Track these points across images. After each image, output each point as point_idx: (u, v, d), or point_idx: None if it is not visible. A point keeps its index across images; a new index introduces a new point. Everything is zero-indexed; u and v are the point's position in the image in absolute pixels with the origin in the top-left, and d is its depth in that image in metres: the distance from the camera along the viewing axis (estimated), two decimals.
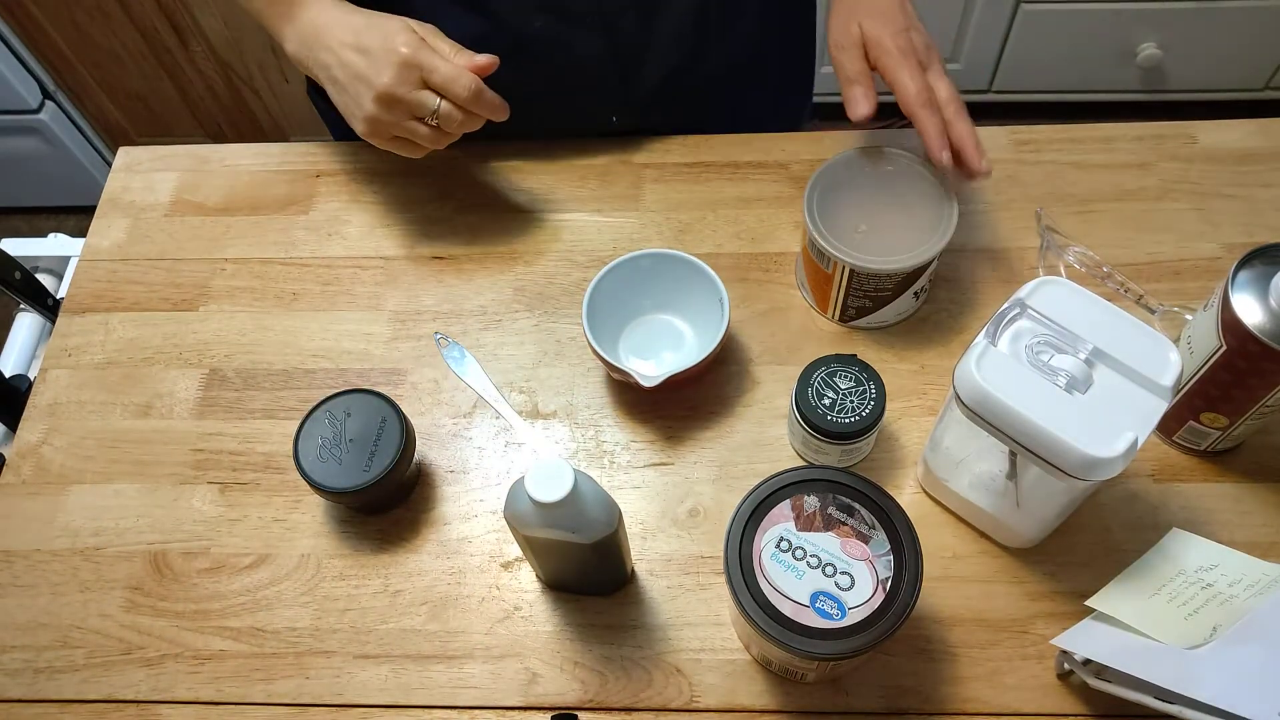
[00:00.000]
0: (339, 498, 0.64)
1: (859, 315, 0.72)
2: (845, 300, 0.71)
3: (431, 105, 0.68)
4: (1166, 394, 0.52)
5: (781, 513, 0.54)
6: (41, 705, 0.64)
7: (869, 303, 0.71)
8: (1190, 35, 1.63)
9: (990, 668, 0.61)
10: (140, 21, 1.61)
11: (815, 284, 0.72)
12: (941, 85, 0.68)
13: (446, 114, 0.69)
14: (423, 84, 0.68)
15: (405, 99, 0.68)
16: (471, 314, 0.78)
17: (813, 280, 0.72)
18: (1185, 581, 0.56)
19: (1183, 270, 0.75)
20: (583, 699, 0.62)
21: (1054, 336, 0.54)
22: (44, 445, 0.74)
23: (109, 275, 0.83)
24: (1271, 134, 0.81)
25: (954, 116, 0.67)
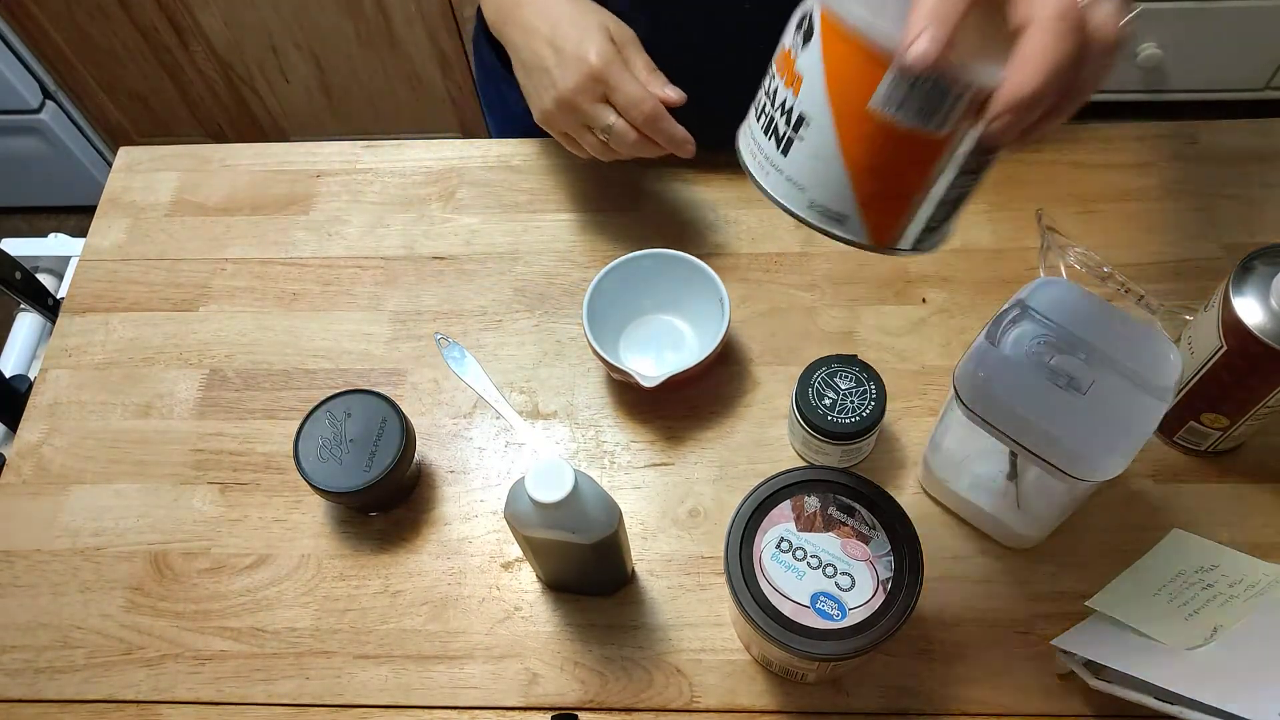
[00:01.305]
0: (339, 498, 0.64)
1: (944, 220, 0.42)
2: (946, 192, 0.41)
3: (606, 121, 0.67)
4: (1167, 394, 0.52)
5: (782, 513, 0.54)
6: (42, 705, 0.64)
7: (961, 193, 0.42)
8: (1190, 35, 1.63)
9: (991, 668, 0.61)
10: (140, 21, 1.61)
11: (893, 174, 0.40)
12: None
13: (620, 134, 0.67)
14: (604, 98, 0.66)
15: (583, 108, 0.67)
16: (472, 314, 0.78)
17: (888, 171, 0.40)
18: (1186, 582, 0.56)
19: (1183, 270, 0.75)
20: (583, 699, 0.62)
21: (1054, 337, 0.54)
22: (44, 445, 0.74)
23: (109, 275, 0.83)
24: (1271, 134, 0.81)
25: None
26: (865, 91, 0.37)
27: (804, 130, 0.40)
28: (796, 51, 0.40)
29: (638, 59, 0.68)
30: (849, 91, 0.38)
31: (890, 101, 0.37)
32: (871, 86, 0.37)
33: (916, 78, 0.36)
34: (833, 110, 0.39)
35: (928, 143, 0.38)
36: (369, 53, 1.65)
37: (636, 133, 0.67)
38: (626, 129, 0.67)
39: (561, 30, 0.66)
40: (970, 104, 0.37)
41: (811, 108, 0.39)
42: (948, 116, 0.38)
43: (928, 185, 0.40)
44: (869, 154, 0.39)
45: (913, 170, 0.40)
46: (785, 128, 0.40)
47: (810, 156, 0.40)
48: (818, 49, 0.38)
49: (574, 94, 0.66)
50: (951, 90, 0.37)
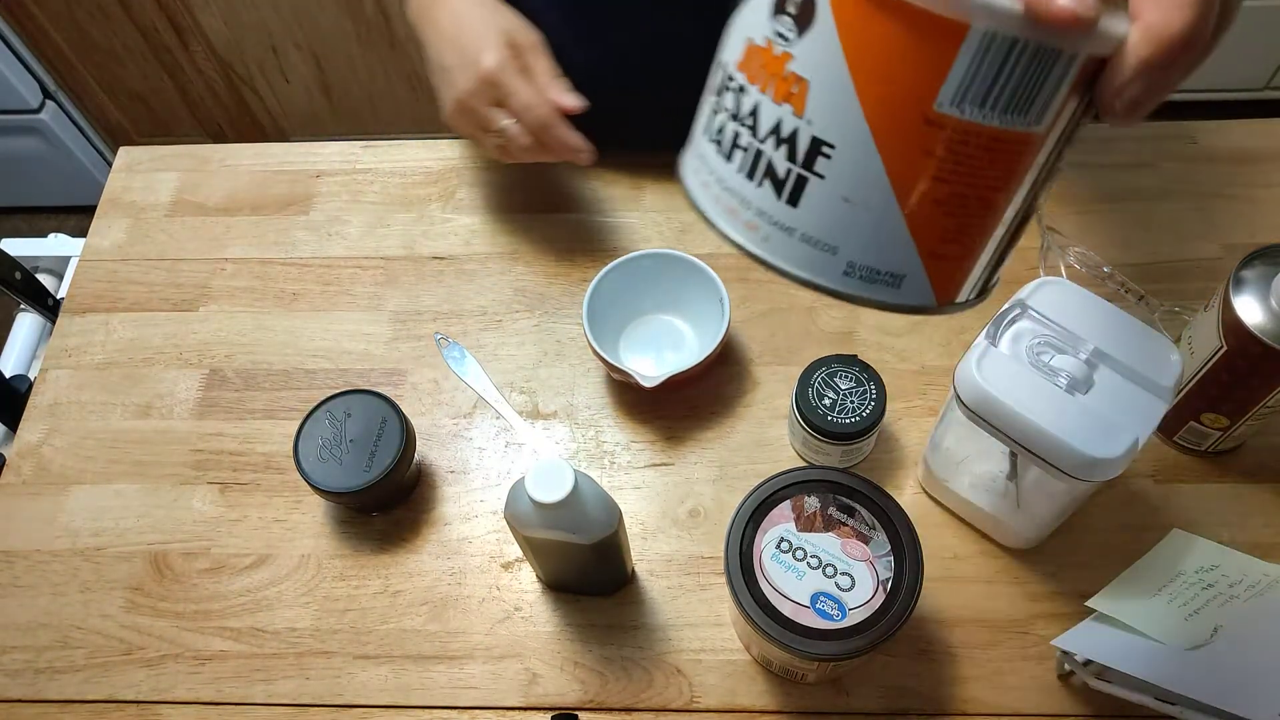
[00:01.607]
0: (339, 498, 0.64)
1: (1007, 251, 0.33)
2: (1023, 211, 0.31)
3: (500, 125, 0.67)
4: (1167, 394, 0.52)
5: (782, 513, 0.54)
6: (42, 705, 0.64)
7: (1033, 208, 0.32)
8: None
9: (991, 668, 0.61)
10: (140, 21, 1.61)
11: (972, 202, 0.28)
12: None
13: (513, 138, 0.68)
14: (499, 102, 0.67)
15: (478, 111, 0.68)
16: (472, 314, 0.78)
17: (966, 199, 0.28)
18: (1186, 582, 0.56)
19: (1183, 270, 0.75)
20: (583, 699, 0.62)
21: (1054, 337, 0.54)
22: (44, 445, 0.74)
23: (109, 275, 0.83)
24: (1271, 134, 0.81)
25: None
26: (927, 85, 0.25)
27: (823, 162, 0.27)
28: (786, 45, 0.27)
29: (539, 64, 0.68)
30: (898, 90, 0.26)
31: (971, 91, 0.25)
32: (938, 74, 0.25)
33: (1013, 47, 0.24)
34: (870, 123, 0.26)
35: (1021, 144, 0.27)
36: (369, 53, 1.65)
37: (530, 137, 0.68)
38: (520, 133, 0.67)
39: (465, 33, 0.68)
40: (1081, 73, 0.26)
41: (833, 126, 0.26)
42: (1053, 98, 0.26)
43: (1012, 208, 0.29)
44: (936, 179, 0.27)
45: (998, 190, 0.28)
46: (787, 164, 0.28)
47: (839, 200, 0.27)
48: (830, 32, 0.26)
49: (469, 97, 0.67)
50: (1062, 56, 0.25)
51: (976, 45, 0.24)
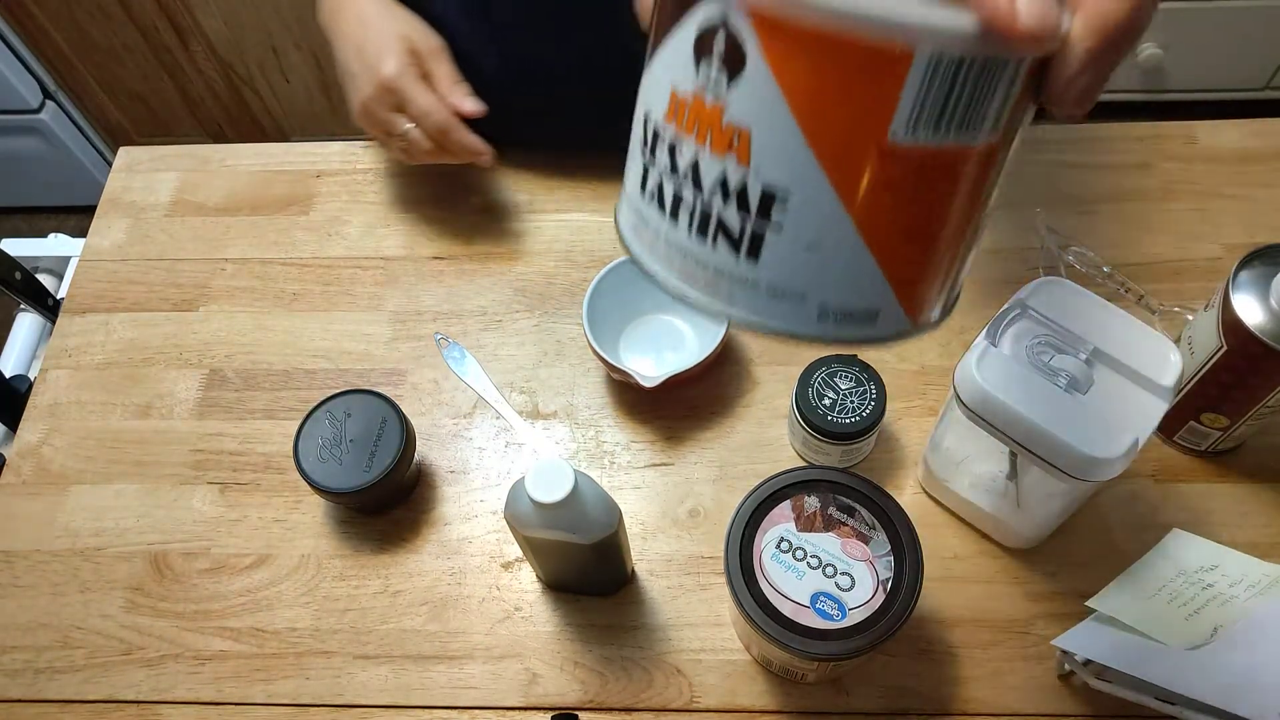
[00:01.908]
0: (339, 498, 0.64)
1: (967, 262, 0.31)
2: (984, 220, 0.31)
3: (401, 129, 0.70)
4: (1167, 394, 0.52)
5: (782, 513, 0.54)
6: (42, 705, 0.64)
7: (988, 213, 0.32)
8: (1190, 35, 1.63)
9: (991, 668, 0.61)
10: (141, 21, 1.61)
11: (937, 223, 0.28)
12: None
13: (414, 142, 0.71)
14: (399, 108, 0.70)
15: (380, 116, 0.70)
16: (472, 314, 0.78)
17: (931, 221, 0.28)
18: (1186, 582, 0.56)
19: (1183, 270, 0.75)
20: (583, 699, 0.62)
21: (1054, 337, 0.54)
22: (44, 445, 0.74)
23: (109, 275, 0.83)
24: (1271, 134, 0.81)
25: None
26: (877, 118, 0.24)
27: (779, 211, 0.25)
28: (718, 95, 0.25)
29: (440, 69, 0.71)
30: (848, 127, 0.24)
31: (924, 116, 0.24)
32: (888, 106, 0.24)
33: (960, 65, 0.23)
34: (824, 165, 0.25)
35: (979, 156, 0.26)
36: None
37: (430, 141, 0.70)
38: (420, 137, 0.70)
39: (368, 40, 0.70)
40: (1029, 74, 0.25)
41: (785, 173, 0.25)
42: (1005, 105, 0.25)
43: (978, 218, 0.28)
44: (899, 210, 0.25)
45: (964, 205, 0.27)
46: (741, 217, 0.26)
47: (803, 246, 0.26)
48: (766, 79, 0.24)
49: (371, 102, 0.70)
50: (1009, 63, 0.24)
51: (923, 70, 0.23)
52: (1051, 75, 0.25)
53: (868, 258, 0.26)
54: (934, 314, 0.29)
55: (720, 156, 0.25)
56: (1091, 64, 0.25)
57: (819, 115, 0.24)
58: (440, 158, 0.72)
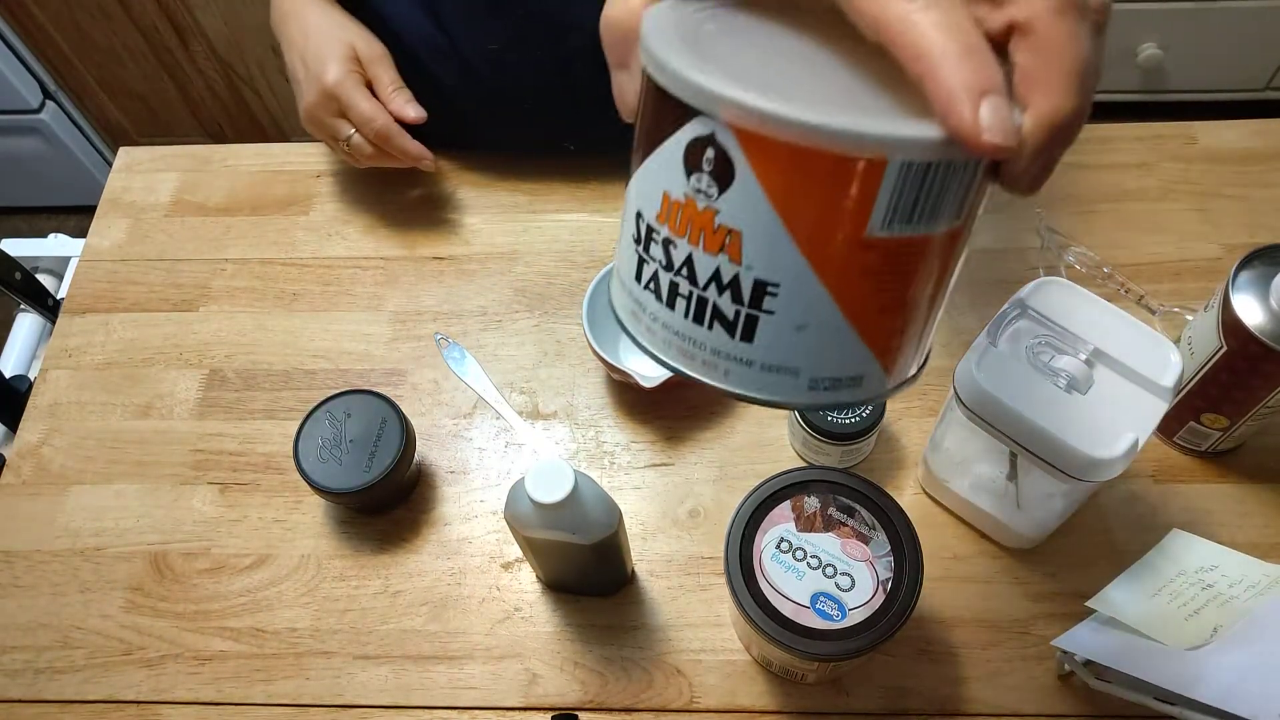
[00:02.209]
0: (339, 498, 0.64)
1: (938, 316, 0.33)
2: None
3: (344, 134, 0.73)
4: (1167, 395, 0.52)
5: (782, 513, 0.54)
6: (42, 705, 0.64)
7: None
8: (1190, 35, 1.63)
9: (991, 668, 0.61)
10: (141, 21, 1.61)
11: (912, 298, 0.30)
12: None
13: (356, 147, 0.73)
14: (342, 114, 0.72)
15: (324, 122, 0.73)
16: (472, 314, 0.78)
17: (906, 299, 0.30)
18: (1186, 582, 0.56)
19: (1183, 271, 0.75)
20: (583, 700, 0.62)
21: (1054, 337, 0.54)
22: (44, 446, 0.74)
23: (109, 276, 0.83)
24: (1271, 134, 0.81)
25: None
26: (856, 217, 0.26)
27: (770, 300, 0.28)
28: (709, 201, 0.27)
29: (383, 75, 0.73)
30: (830, 227, 0.27)
31: (898, 213, 0.26)
32: (865, 207, 0.26)
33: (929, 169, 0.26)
34: (811, 261, 0.27)
35: (946, 239, 0.29)
36: None
37: (372, 147, 0.73)
38: (362, 143, 0.73)
39: (311, 47, 0.72)
40: (988, 167, 0.28)
41: (773, 268, 0.27)
42: (969, 195, 0.28)
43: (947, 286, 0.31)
44: (878, 291, 0.28)
45: (934, 280, 0.30)
46: (735, 306, 0.28)
47: (792, 330, 0.29)
48: (754, 188, 0.26)
49: (314, 109, 0.73)
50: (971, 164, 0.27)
51: (896, 175, 0.25)
52: (1006, 167, 0.27)
53: (852, 334, 0.29)
54: (910, 371, 0.32)
55: (714, 255, 0.28)
56: (1042, 156, 0.27)
57: (803, 218, 0.27)
58: (383, 161, 0.74)
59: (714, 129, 0.26)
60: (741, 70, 0.27)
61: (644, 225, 0.30)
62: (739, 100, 0.25)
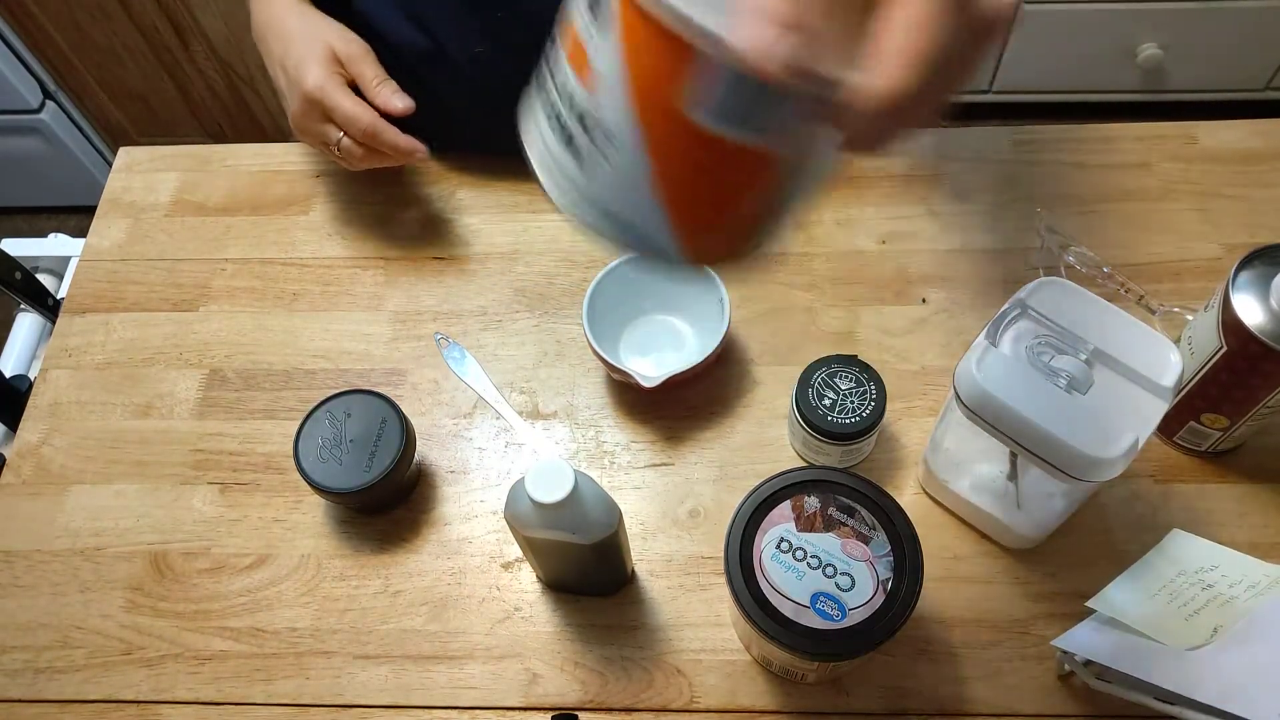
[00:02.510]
0: (339, 498, 0.64)
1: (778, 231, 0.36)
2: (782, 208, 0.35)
3: (333, 138, 0.71)
4: (1167, 395, 0.52)
5: (782, 513, 0.54)
6: (42, 705, 0.64)
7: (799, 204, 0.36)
8: (1190, 35, 1.63)
9: (991, 668, 0.61)
10: (141, 21, 1.61)
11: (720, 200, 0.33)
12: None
13: (346, 149, 0.71)
14: (327, 120, 0.70)
15: (311, 128, 0.72)
16: (472, 314, 0.78)
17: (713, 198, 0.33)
18: (1186, 582, 0.56)
19: (1183, 271, 0.75)
20: (583, 699, 0.62)
21: (1054, 337, 0.54)
22: (44, 445, 0.74)
23: (109, 275, 0.83)
24: (1271, 134, 0.81)
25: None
26: (676, 94, 0.29)
27: (608, 147, 0.31)
28: (588, 35, 0.30)
29: (367, 71, 0.71)
30: (657, 95, 0.29)
31: (708, 106, 0.28)
32: (678, 81, 0.28)
33: (737, 76, 0.27)
34: (640, 120, 0.30)
35: (757, 155, 0.30)
36: None
37: (361, 147, 0.71)
38: (351, 145, 0.71)
39: (290, 56, 0.71)
40: (820, 104, 0.27)
41: (613, 117, 0.30)
42: (782, 122, 0.29)
43: (762, 208, 0.33)
44: (684, 172, 0.31)
45: (738, 188, 0.32)
46: (584, 139, 0.31)
47: (617, 178, 0.31)
48: (616, 35, 0.29)
49: (300, 117, 0.71)
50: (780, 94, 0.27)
51: (707, 69, 0.27)
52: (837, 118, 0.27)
53: (658, 203, 0.32)
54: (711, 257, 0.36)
55: (579, 84, 0.31)
56: (854, 121, 0.26)
57: (642, 79, 0.29)
58: (378, 161, 0.72)
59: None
60: None
61: (554, 50, 0.33)
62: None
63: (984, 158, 0.82)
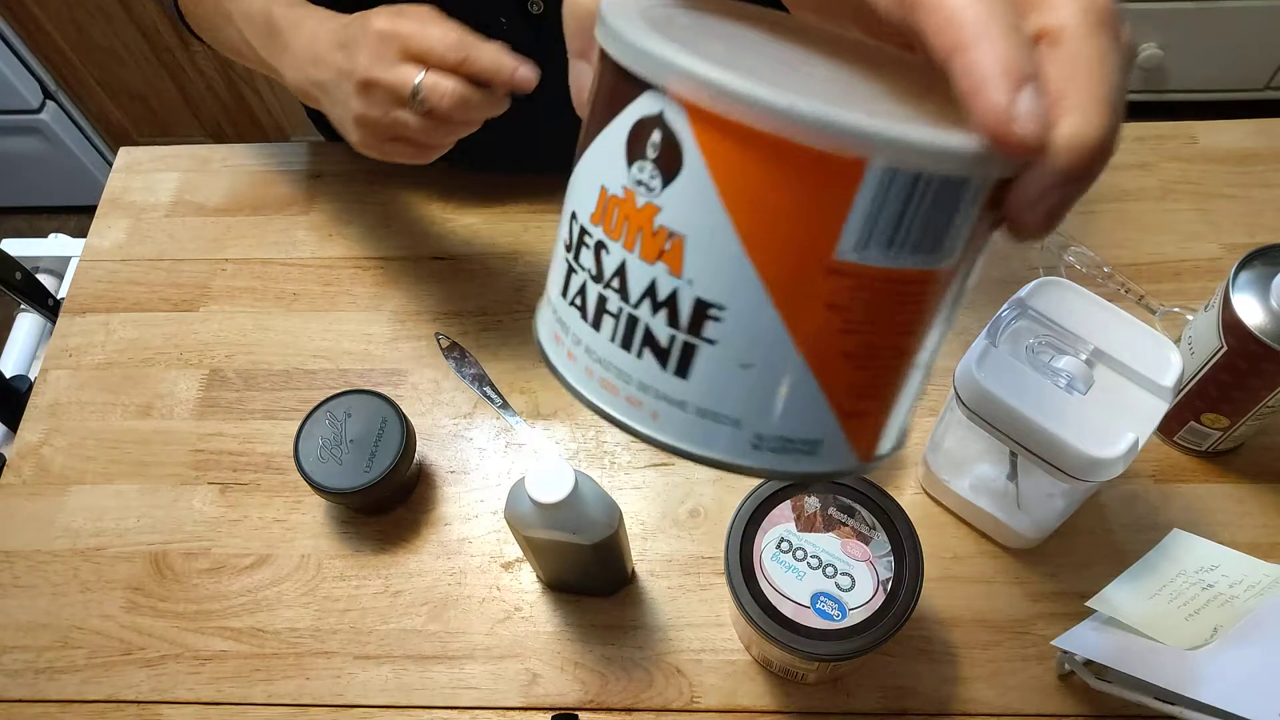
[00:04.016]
0: (339, 498, 0.64)
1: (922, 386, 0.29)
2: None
3: (414, 82, 0.55)
4: (1167, 394, 0.52)
5: (782, 513, 0.54)
6: (42, 705, 0.64)
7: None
8: (1190, 35, 1.63)
9: (991, 668, 0.61)
10: (141, 21, 1.61)
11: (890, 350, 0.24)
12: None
13: (431, 86, 0.55)
14: (405, 57, 0.56)
15: (383, 80, 0.56)
16: (472, 314, 0.78)
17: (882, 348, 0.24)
18: (1186, 582, 0.56)
19: (1183, 271, 0.75)
20: (583, 700, 0.62)
21: (1054, 337, 0.54)
22: (44, 446, 0.74)
23: (109, 275, 0.83)
24: (1272, 134, 0.81)
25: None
26: (823, 230, 0.21)
27: (713, 326, 0.23)
28: (650, 195, 0.22)
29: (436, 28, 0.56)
30: (790, 239, 0.21)
31: (874, 234, 0.21)
32: (836, 219, 0.21)
33: (917, 182, 0.21)
34: (764, 279, 0.22)
35: (934, 282, 0.23)
36: None
37: (453, 78, 0.55)
38: (438, 78, 0.55)
39: (347, 30, 0.58)
40: (991, 195, 0.22)
41: (720, 285, 0.22)
42: (963, 228, 0.22)
43: (927, 349, 0.25)
44: (846, 332, 0.23)
45: (913, 334, 0.24)
46: (670, 331, 0.23)
47: (736, 367, 0.23)
48: (703, 178, 0.21)
49: (369, 67, 0.56)
50: (970, 182, 0.22)
51: (877, 183, 0.21)
52: (1015, 197, 0.22)
53: (810, 383, 0.23)
54: (883, 449, 0.26)
55: (650, 263, 0.23)
56: (1061, 185, 0.22)
57: (759, 224, 0.22)
58: (470, 104, 0.55)
59: (663, 107, 0.22)
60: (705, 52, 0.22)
61: (576, 228, 0.25)
62: (693, 70, 0.21)
63: None
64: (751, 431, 0.24)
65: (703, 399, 0.24)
